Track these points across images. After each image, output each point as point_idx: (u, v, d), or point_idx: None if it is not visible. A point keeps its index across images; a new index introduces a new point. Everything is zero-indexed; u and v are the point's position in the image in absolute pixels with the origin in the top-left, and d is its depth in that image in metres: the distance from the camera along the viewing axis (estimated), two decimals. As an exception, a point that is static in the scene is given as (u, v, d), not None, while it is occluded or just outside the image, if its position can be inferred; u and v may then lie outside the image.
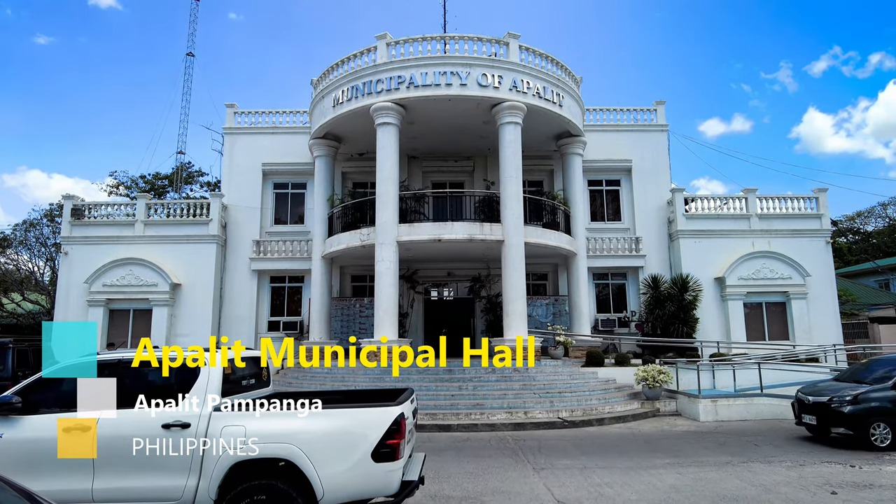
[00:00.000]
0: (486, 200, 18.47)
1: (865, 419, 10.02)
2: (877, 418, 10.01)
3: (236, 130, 22.07)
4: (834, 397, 10.44)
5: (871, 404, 10.11)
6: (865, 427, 9.98)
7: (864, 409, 10.08)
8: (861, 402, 10.16)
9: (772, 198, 20.90)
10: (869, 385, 10.58)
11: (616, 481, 7.93)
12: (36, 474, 4.87)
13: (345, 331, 20.14)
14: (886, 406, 10.10)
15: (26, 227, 27.54)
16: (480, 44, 16.94)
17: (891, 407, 10.07)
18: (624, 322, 20.76)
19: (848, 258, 42.58)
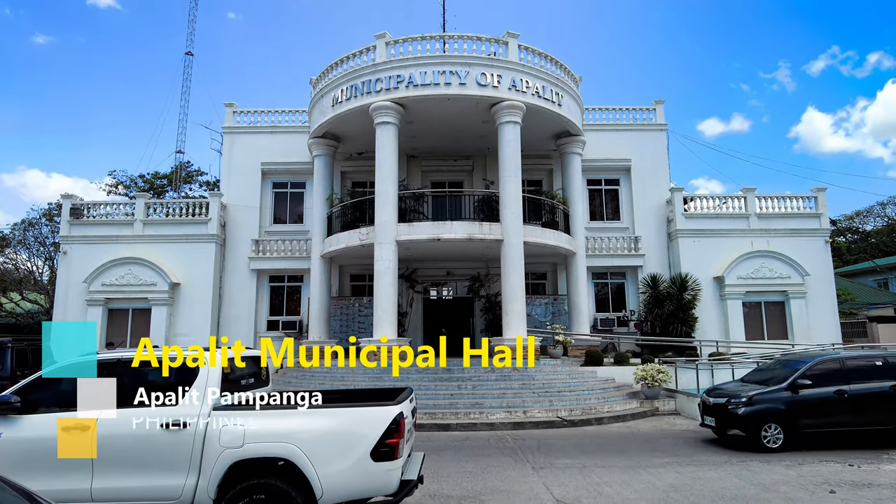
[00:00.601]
0: (485, 200, 18.47)
1: (758, 420, 9.93)
2: (769, 419, 9.93)
3: (235, 130, 22.06)
4: (731, 399, 10.35)
5: (765, 405, 10.03)
6: (758, 428, 9.91)
7: (758, 410, 9.98)
8: (755, 403, 10.07)
9: (771, 197, 20.92)
10: (766, 386, 10.49)
11: (615, 480, 7.94)
12: (35, 474, 4.87)
13: (344, 330, 20.15)
14: (779, 408, 10.01)
15: (25, 227, 27.52)
16: (479, 43, 16.94)
17: (784, 408, 9.98)
18: (623, 321, 20.78)
19: (847, 257, 42.63)
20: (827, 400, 10.05)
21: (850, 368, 10.41)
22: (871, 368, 10.44)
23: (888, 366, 10.42)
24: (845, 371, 10.36)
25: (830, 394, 10.06)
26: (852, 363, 10.55)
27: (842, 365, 10.49)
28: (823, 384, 10.16)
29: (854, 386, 10.11)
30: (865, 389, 10.11)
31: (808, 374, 10.27)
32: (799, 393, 10.09)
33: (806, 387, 10.12)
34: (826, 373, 10.34)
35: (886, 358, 10.66)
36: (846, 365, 10.49)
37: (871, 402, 10.06)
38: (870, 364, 10.57)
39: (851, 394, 10.03)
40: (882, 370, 10.36)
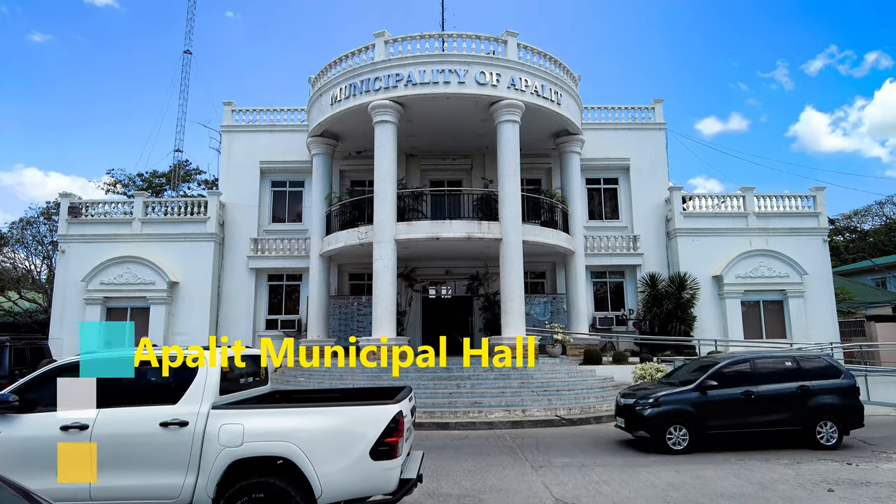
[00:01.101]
0: (484, 199, 18.47)
1: (664, 422, 9.84)
2: (675, 421, 9.84)
3: (234, 128, 22.03)
4: (639, 399, 10.28)
5: (671, 407, 9.93)
6: (663, 430, 9.81)
7: (664, 411, 9.88)
8: (661, 404, 9.97)
9: (769, 196, 20.94)
10: (674, 387, 10.42)
11: (614, 479, 7.94)
12: (34, 473, 4.86)
13: (343, 329, 20.14)
14: (686, 409, 9.92)
15: (23, 226, 27.45)
16: (478, 42, 16.92)
17: (691, 410, 9.88)
18: (622, 320, 20.79)
19: (845, 256, 42.69)
20: (735, 401, 10.01)
21: (761, 369, 10.40)
22: (781, 369, 10.42)
23: (798, 367, 10.44)
24: (755, 372, 10.34)
25: (738, 395, 10.02)
26: (763, 364, 10.54)
27: (752, 366, 10.47)
28: (732, 385, 10.13)
29: (763, 387, 10.10)
30: (773, 390, 10.11)
31: (716, 375, 10.20)
32: (707, 394, 10.02)
33: (714, 388, 10.06)
34: (736, 374, 10.30)
35: (797, 359, 10.66)
36: (757, 366, 10.47)
37: (779, 403, 10.07)
38: (780, 365, 10.54)
39: (759, 395, 10.02)
40: (792, 371, 10.37)
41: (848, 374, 10.59)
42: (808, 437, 10.03)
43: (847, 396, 10.25)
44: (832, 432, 10.01)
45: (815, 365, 10.58)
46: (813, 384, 10.20)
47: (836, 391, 10.21)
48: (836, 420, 10.05)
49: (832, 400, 10.12)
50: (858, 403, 10.31)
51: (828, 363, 10.74)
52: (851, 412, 10.18)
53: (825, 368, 10.56)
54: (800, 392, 10.10)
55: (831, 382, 10.31)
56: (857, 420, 10.25)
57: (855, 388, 10.41)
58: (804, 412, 10.03)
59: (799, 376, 10.28)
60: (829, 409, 10.09)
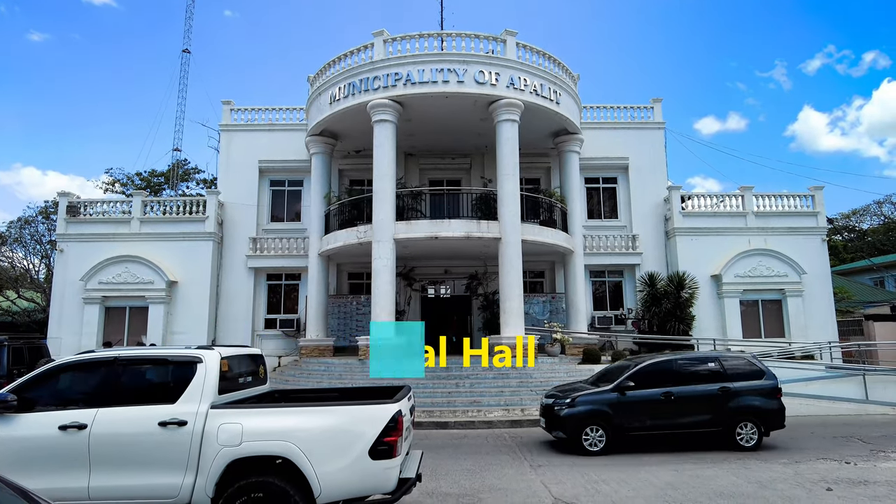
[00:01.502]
0: (483, 198, 18.46)
1: (580, 423, 9.74)
2: (591, 422, 9.75)
3: (233, 127, 22.00)
4: (557, 400, 10.21)
5: (587, 407, 9.83)
6: (579, 431, 9.72)
7: (580, 412, 9.78)
8: (577, 405, 9.87)
9: (768, 195, 20.95)
10: (594, 387, 10.34)
11: (612, 478, 7.95)
12: (32, 472, 4.85)
13: (342, 328, 20.13)
14: (603, 409, 9.81)
15: (21, 225, 27.39)
16: (478, 41, 16.91)
17: (608, 410, 9.78)
18: (620, 319, 20.80)
19: (843, 256, 42.74)
20: (654, 402, 9.93)
21: (682, 370, 10.34)
22: (703, 371, 10.37)
23: (721, 368, 10.36)
24: (677, 373, 10.27)
25: (658, 396, 9.94)
26: (685, 365, 10.48)
27: (673, 367, 10.40)
28: (652, 386, 10.04)
29: (683, 388, 10.01)
30: (694, 391, 10.04)
31: (635, 376, 10.12)
32: (626, 395, 9.95)
33: (632, 388, 9.99)
34: (656, 375, 10.19)
35: (720, 360, 10.60)
36: (678, 367, 10.41)
37: (699, 404, 9.99)
38: (702, 366, 10.47)
39: (679, 395, 9.94)
40: (714, 372, 10.32)
41: (771, 376, 10.47)
42: (729, 439, 9.94)
43: (769, 397, 10.17)
44: (752, 433, 9.92)
45: (738, 366, 10.48)
46: (734, 385, 10.12)
47: (757, 392, 10.13)
48: (757, 421, 9.98)
49: (753, 401, 10.04)
50: (780, 405, 10.21)
51: (751, 364, 10.60)
52: (773, 413, 10.09)
53: (748, 370, 10.45)
54: (720, 393, 10.01)
55: (753, 384, 10.22)
56: (779, 421, 10.17)
57: (777, 389, 10.30)
58: (724, 413, 9.94)
59: (721, 377, 10.21)
60: (749, 411, 10.00)
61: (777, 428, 10.25)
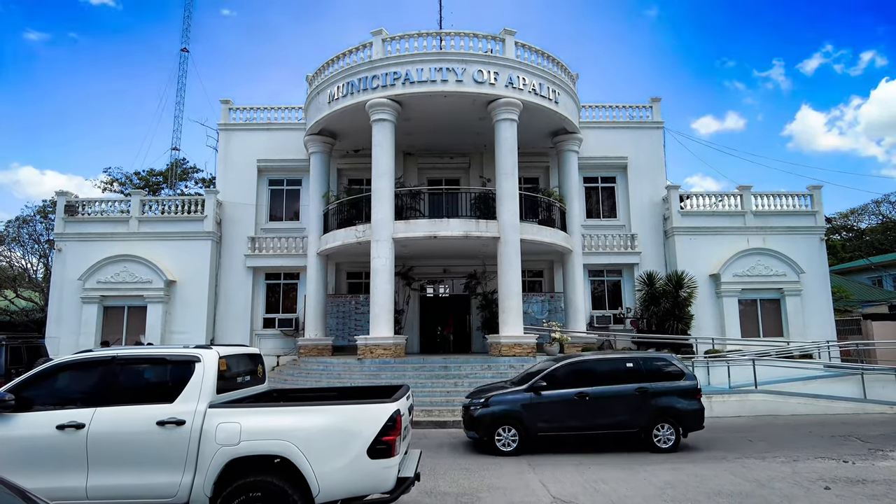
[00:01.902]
0: (481, 197, 18.46)
1: (493, 423, 9.67)
2: (504, 422, 9.67)
3: (231, 126, 21.97)
4: (473, 400, 10.16)
5: (501, 408, 9.74)
6: (492, 431, 9.65)
7: (493, 412, 9.71)
8: (491, 405, 9.80)
9: (767, 195, 20.96)
10: (512, 388, 10.24)
11: (611, 477, 7.96)
12: (30, 472, 4.84)
13: (340, 328, 20.12)
14: (516, 410, 9.71)
15: (19, 224, 27.36)
16: (476, 40, 16.90)
17: (521, 411, 9.68)
18: (619, 319, 20.81)
19: (842, 255, 42.77)
20: (568, 402, 9.80)
21: (600, 370, 10.24)
22: (621, 371, 10.21)
23: (640, 368, 10.22)
24: (595, 373, 10.17)
25: (572, 396, 9.83)
26: (603, 365, 10.40)
27: (592, 367, 10.32)
28: (567, 386, 9.93)
29: (598, 388, 9.89)
30: (610, 392, 9.92)
31: (549, 376, 10.04)
32: (541, 395, 9.85)
33: (547, 388, 9.89)
34: (573, 375, 10.08)
35: (639, 360, 10.44)
36: (595, 367, 10.33)
37: (615, 405, 9.85)
38: (619, 366, 10.33)
39: (595, 396, 9.82)
40: (632, 372, 10.15)
41: (691, 376, 10.34)
42: (646, 440, 9.84)
43: (688, 398, 10.05)
44: (669, 435, 9.81)
45: (657, 366, 10.34)
46: (652, 386, 9.99)
47: (677, 393, 10.00)
48: (675, 422, 9.88)
49: (672, 402, 9.92)
50: (699, 406, 10.09)
51: (672, 364, 10.46)
52: (691, 415, 9.97)
53: (668, 370, 10.32)
54: (638, 394, 9.90)
55: (672, 384, 10.09)
56: (697, 422, 10.04)
57: (696, 389, 10.16)
58: (642, 414, 9.83)
59: (639, 378, 10.07)
60: (667, 412, 9.88)
61: (695, 429, 10.14)
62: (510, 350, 15.82)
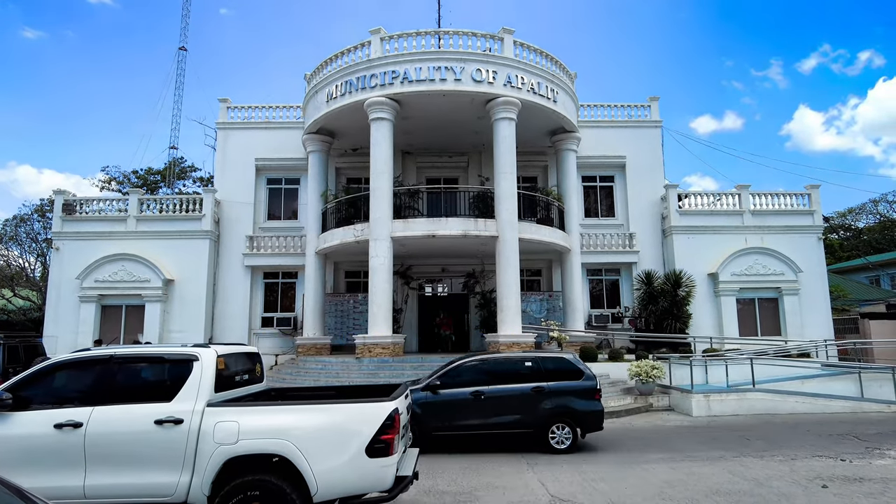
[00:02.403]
0: (480, 196, 18.46)
1: None
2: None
3: (229, 125, 21.94)
4: None
5: None
6: None
7: None
8: None
9: (764, 194, 21.00)
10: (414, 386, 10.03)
11: (609, 476, 7.96)
12: (27, 471, 4.83)
13: (339, 327, 20.11)
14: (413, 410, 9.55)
15: (17, 223, 27.31)
16: (475, 39, 16.89)
17: (417, 410, 9.32)
18: (617, 318, 20.83)
19: (839, 254, 42.86)
20: (463, 402, 9.67)
21: (498, 369, 10.12)
22: (519, 370, 10.06)
23: (538, 367, 10.06)
24: (491, 372, 10.03)
25: (467, 395, 9.69)
26: (501, 364, 10.30)
27: (488, 366, 10.21)
28: (465, 385, 9.81)
29: (494, 387, 9.74)
30: (505, 391, 9.74)
31: (445, 375, 9.96)
32: (438, 394, 9.74)
33: (442, 387, 9.79)
34: (469, 374, 9.96)
35: (538, 359, 10.27)
36: (493, 366, 10.22)
37: (511, 404, 9.69)
38: (518, 365, 10.18)
39: (490, 395, 9.68)
40: (530, 372, 9.99)
41: (590, 376, 10.13)
42: (542, 440, 9.67)
43: (586, 398, 9.89)
44: (566, 435, 9.64)
45: (556, 366, 10.18)
46: (549, 385, 9.82)
47: (574, 393, 9.84)
48: (572, 423, 9.73)
49: (569, 402, 9.76)
50: (597, 406, 9.94)
51: (570, 364, 10.28)
52: (589, 415, 9.83)
53: (567, 369, 10.16)
54: (534, 393, 9.73)
55: (570, 384, 9.92)
56: (596, 423, 9.92)
57: (595, 389, 9.96)
58: (538, 414, 9.66)
59: (537, 377, 9.90)
60: (564, 412, 9.70)
61: (594, 430, 10.03)
62: (508, 349, 15.81)
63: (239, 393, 5.99)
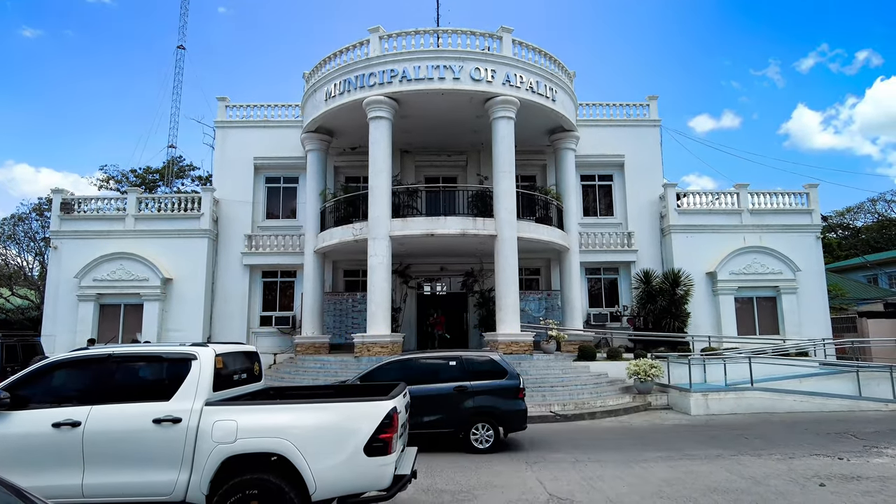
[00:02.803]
0: (479, 195, 18.46)
1: None
2: None
3: (228, 124, 21.91)
4: None
5: None
6: None
7: None
8: None
9: (763, 193, 21.03)
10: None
11: (608, 475, 7.97)
12: (26, 470, 4.82)
13: (337, 326, 20.12)
14: None
15: (14, 222, 27.28)
16: (473, 38, 16.88)
17: None
18: (616, 316, 20.86)
19: (837, 253, 42.93)
20: None
21: (423, 369, 10.06)
22: (443, 369, 10.04)
23: (461, 367, 10.02)
24: (417, 372, 9.94)
25: None
26: (423, 363, 10.27)
27: (414, 365, 10.17)
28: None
29: (418, 387, 9.49)
30: (428, 390, 9.61)
31: (367, 376, 9.95)
32: None
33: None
34: (395, 373, 9.86)
35: (462, 359, 10.23)
36: (419, 365, 10.18)
37: (433, 404, 9.57)
38: (443, 365, 10.15)
39: (413, 395, 9.30)
40: (453, 371, 9.97)
41: (513, 375, 10.05)
42: (464, 440, 9.64)
43: (509, 398, 9.82)
44: (488, 435, 9.60)
45: (479, 365, 10.14)
46: (472, 385, 9.77)
47: (497, 392, 9.78)
48: (494, 422, 9.68)
49: (491, 401, 9.69)
50: (521, 405, 9.89)
51: (494, 363, 10.21)
52: (512, 414, 9.78)
53: (490, 369, 10.10)
54: (456, 392, 9.68)
55: (493, 383, 9.85)
56: (518, 423, 9.88)
57: (518, 389, 9.91)
58: (460, 413, 9.60)
59: (460, 377, 9.86)
60: (486, 411, 9.64)
61: (517, 430, 10.03)
62: (507, 348, 15.82)
63: (237, 392, 5.99)
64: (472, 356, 10.49)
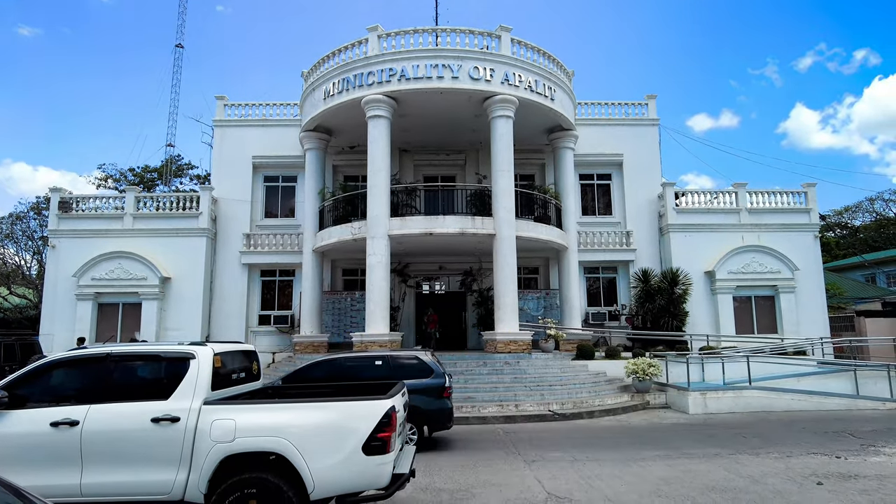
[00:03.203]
0: (477, 194, 18.46)
1: None
2: None
3: (226, 123, 21.88)
4: None
5: None
6: None
7: None
8: None
9: (761, 192, 21.05)
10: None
11: (606, 473, 7.99)
12: (24, 470, 4.82)
13: (336, 325, 20.12)
14: None
15: (12, 221, 27.24)
16: (472, 37, 16.87)
17: None
18: (614, 315, 20.88)
19: (836, 252, 42.99)
20: None
21: (348, 368, 10.22)
22: (369, 368, 10.11)
23: (386, 365, 10.13)
24: (343, 371, 10.09)
25: None
26: (350, 363, 10.42)
27: (338, 364, 10.35)
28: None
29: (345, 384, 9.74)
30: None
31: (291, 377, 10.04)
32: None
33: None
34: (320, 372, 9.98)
35: (387, 357, 10.40)
36: (344, 363, 10.39)
37: None
38: (369, 363, 10.28)
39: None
40: (378, 370, 10.02)
41: (439, 375, 10.07)
42: None
43: (434, 397, 9.81)
44: (411, 434, 9.44)
45: (404, 363, 10.19)
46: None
47: (421, 391, 9.63)
48: (419, 421, 9.58)
49: (415, 400, 9.44)
50: (446, 404, 9.91)
51: (421, 362, 10.22)
52: (436, 414, 9.79)
53: (416, 367, 10.11)
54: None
55: (417, 382, 9.69)
56: (442, 421, 9.91)
57: (443, 388, 9.92)
58: None
59: (387, 375, 9.73)
60: (410, 410, 9.63)
61: (442, 429, 10.06)
62: (506, 347, 15.84)
63: (236, 391, 5.99)
64: (398, 355, 10.63)
